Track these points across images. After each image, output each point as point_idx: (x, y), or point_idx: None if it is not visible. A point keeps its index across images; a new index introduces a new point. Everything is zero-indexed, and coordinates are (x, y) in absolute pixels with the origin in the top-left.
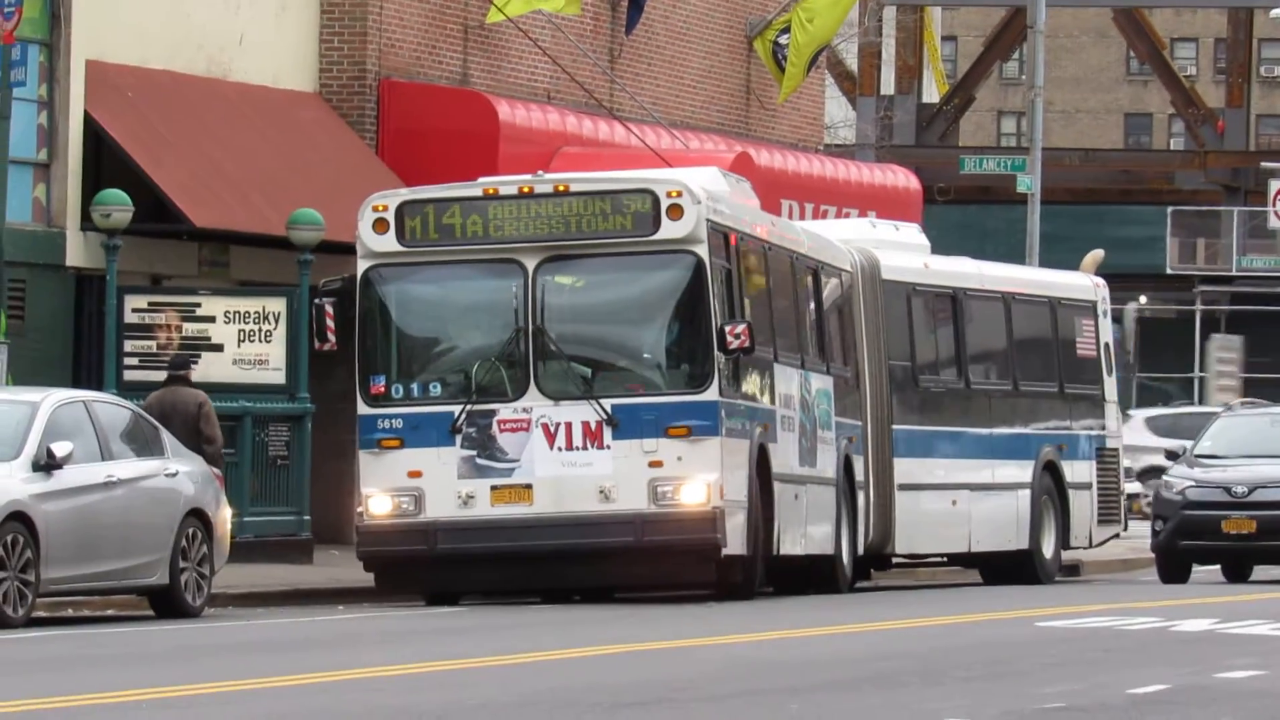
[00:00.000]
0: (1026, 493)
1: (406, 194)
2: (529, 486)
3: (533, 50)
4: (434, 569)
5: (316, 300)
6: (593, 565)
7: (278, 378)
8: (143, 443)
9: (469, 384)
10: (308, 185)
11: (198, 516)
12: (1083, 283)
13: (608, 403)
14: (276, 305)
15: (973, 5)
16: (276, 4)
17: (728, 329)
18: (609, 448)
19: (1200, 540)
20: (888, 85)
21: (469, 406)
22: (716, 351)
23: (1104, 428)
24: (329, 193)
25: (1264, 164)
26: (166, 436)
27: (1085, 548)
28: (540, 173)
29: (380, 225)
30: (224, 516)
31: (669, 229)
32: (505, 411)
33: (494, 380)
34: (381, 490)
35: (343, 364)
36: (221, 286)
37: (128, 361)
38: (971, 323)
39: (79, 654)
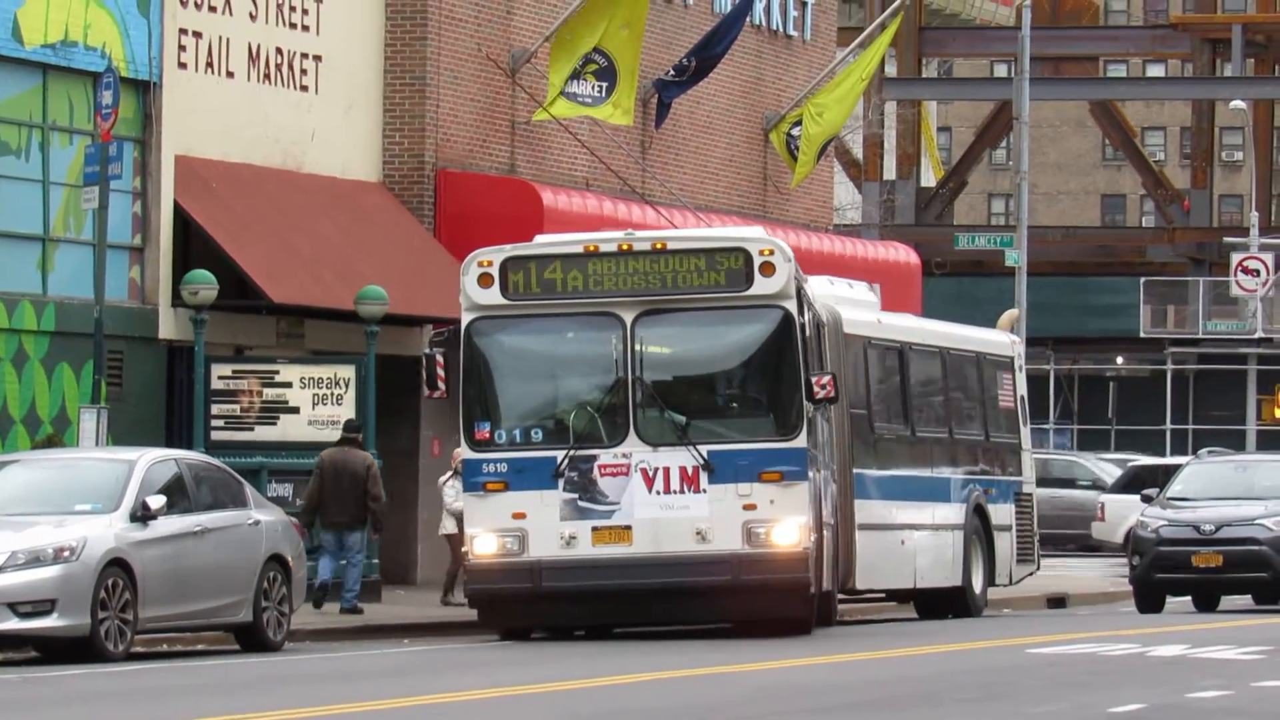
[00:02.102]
0: (960, 533)
1: (510, 250)
2: (628, 528)
3: (573, 143)
4: (538, 606)
5: (428, 350)
6: (689, 603)
7: None
8: (228, 495)
9: (570, 430)
10: (373, 264)
11: (277, 561)
12: (1002, 339)
13: (704, 448)
14: (346, 372)
15: (965, 99)
16: (344, 103)
17: (814, 380)
18: (705, 491)
19: (1173, 573)
20: (890, 171)
21: (571, 451)
22: (805, 401)
23: (1021, 474)
24: (392, 271)
25: (1226, 239)
26: (249, 489)
27: (1006, 584)
28: (631, 231)
29: (485, 280)
30: (300, 560)
31: (761, 285)
32: (605, 456)
33: (594, 427)
34: (487, 530)
35: (405, 423)
36: (297, 355)
37: (214, 423)
38: (915, 374)
39: (174, 684)
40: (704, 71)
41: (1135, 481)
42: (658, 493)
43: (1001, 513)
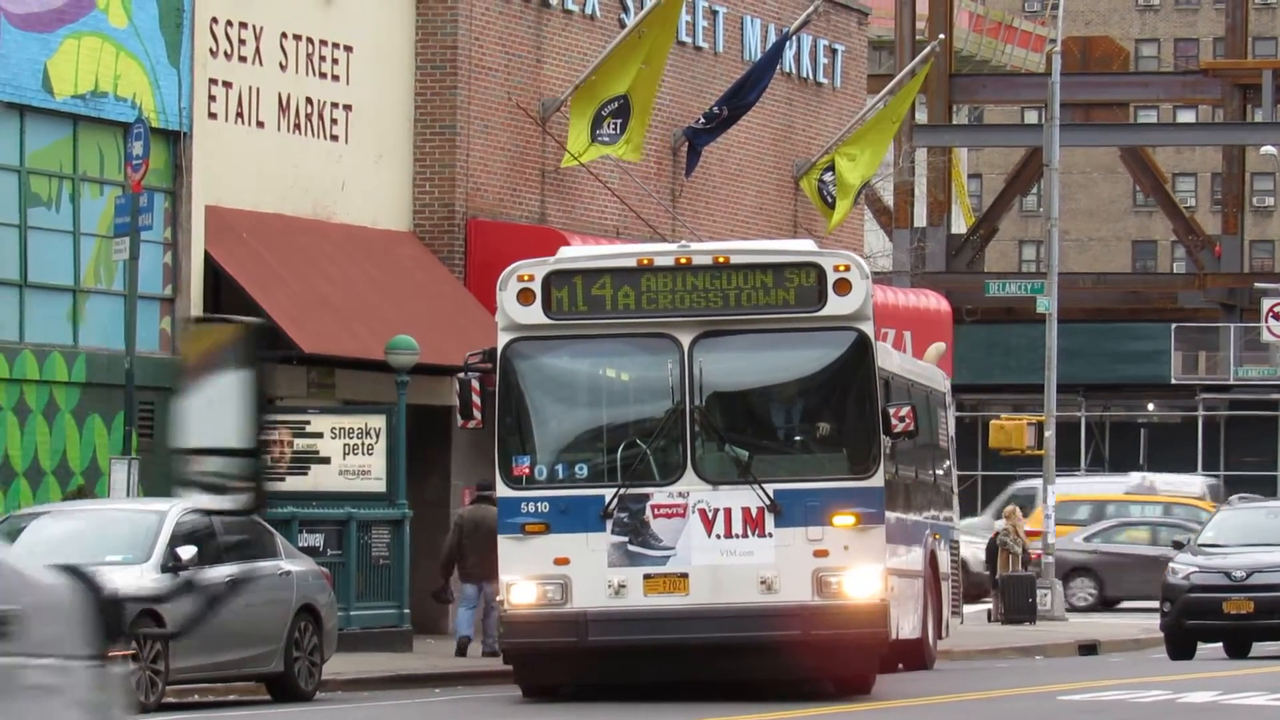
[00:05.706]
0: (921, 580)
1: (554, 263)
2: (684, 576)
3: (603, 192)
4: (582, 662)
5: (462, 375)
6: (753, 659)
7: (379, 487)
8: (259, 545)
9: (620, 466)
10: (404, 314)
11: (309, 611)
12: (938, 374)
13: (770, 487)
14: (377, 422)
15: (995, 146)
16: (374, 154)
17: (892, 411)
18: (771, 535)
19: (1204, 620)
20: (920, 218)
21: (621, 490)
22: (882, 435)
23: (951, 518)
24: (423, 321)
25: (1257, 284)
26: (280, 539)
27: (944, 636)
28: (685, 242)
29: (525, 296)
30: (332, 610)
31: (835, 305)
32: (660, 496)
33: (647, 462)
34: (525, 577)
35: (436, 473)
36: (328, 405)
37: None
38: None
39: None
40: (734, 118)
41: None
42: (718, 536)
43: (943, 559)
